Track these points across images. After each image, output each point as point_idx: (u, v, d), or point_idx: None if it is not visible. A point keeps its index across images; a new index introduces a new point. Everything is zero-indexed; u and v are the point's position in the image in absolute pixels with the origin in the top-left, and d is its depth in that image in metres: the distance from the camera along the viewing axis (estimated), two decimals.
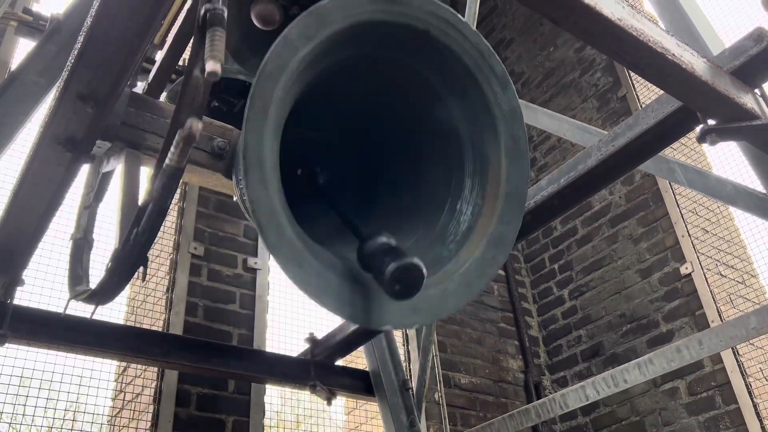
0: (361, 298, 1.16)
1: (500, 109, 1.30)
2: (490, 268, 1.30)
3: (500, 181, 1.32)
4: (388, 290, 1.09)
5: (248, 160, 1.05)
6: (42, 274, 2.94)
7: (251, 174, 1.05)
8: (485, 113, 1.31)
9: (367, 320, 1.16)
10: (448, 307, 1.24)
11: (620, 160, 2.04)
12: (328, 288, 1.12)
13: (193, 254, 3.55)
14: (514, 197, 1.33)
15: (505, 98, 1.31)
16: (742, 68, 1.76)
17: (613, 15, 1.44)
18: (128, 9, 1.41)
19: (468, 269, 1.28)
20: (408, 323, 1.19)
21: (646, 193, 4.59)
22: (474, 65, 1.28)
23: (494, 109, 1.29)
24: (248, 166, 1.05)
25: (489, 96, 1.29)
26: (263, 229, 1.05)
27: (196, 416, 3.14)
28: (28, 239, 2.01)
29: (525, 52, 6.06)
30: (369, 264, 1.16)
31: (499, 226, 1.31)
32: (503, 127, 1.30)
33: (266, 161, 1.07)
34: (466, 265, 1.28)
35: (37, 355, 2.83)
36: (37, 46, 2.15)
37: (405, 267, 1.07)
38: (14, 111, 2.11)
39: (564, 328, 4.92)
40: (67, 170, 1.75)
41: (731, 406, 3.70)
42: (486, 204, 1.34)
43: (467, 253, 1.30)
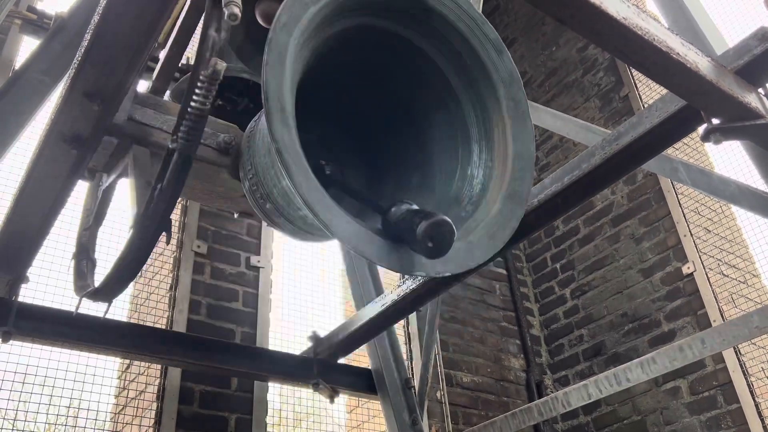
0: (392, 247, 1.18)
1: (498, 74, 1.34)
2: (509, 221, 1.34)
3: (507, 142, 1.36)
4: (421, 248, 1.11)
5: (271, 103, 1.07)
6: (46, 271, 2.95)
7: (274, 116, 1.07)
8: (484, 79, 1.35)
9: (401, 266, 1.18)
10: (475, 257, 1.27)
11: (624, 159, 2.04)
12: (362, 235, 1.14)
13: (196, 252, 3.56)
14: (522, 155, 1.37)
15: (501, 63, 1.35)
16: (746, 67, 1.77)
17: (618, 14, 1.44)
18: (135, 8, 1.41)
19: (488, 223, 1.32)
20: (440, 270, 1.21)
21: (648, 193, 4.59)
22: (469, 32, 1.33)
23: (492, 74, 1.34)
24: (271, 108, 1.06)
25: (486, 62, 1.34)
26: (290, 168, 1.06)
27: (199, 414, 3.15)
28: (33, 237, 2.02)
29: (527, 51, 6.06)
30: (397, 229, 1.18)
31: (511, 183, 1.36)
32: (503, 91, 1.35)
33: (287, 107, 1.10)
34: (487, 219, 1.33)
35: (40, 352, 2.84)
36: (42, 45, 2.16)
37: (435, 223, 1.10)
38: (19, 109, 2.12)
39: (566, 328, 4.93)
40: (72, 167, 1.76)
41: (733, 406, 3.70)
42: (496, 165, 1.38)
43: (485, 210, 1.34)
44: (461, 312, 4.66)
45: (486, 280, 5.00)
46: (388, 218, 1.20)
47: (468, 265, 1.25)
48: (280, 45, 1.11)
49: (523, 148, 1.38)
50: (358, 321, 2.95)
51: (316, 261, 4.19)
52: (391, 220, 1.19)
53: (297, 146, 1.09)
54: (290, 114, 1.11)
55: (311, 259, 4.16)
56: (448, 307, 4.59)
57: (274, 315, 3.74)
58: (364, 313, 2.92)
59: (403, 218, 1.17)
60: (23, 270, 2.19)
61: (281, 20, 1.13)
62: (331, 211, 1.11)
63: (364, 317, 2.90)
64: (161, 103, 1.92)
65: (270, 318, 3.69)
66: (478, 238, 1.29)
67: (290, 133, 1.08)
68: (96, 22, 1.44)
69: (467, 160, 1.43)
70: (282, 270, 4.00)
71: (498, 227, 1.32)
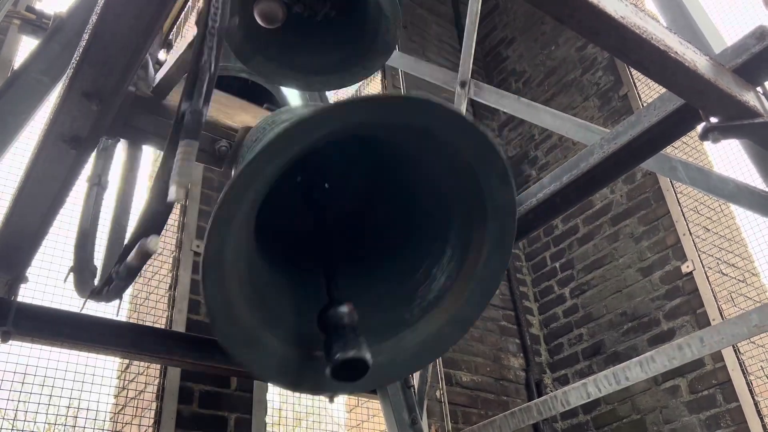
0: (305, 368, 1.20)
1: (494, 203, 1.24)
2: (442, 346, 1.31)
3: (478, 263, 1.30)
4: (331, 373, 1.12)
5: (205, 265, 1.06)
6: (46, 271, 2.95)
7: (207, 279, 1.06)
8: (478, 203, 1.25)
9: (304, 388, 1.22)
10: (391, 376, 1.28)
11: (622, 158, 2.04)
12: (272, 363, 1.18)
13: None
14: (486, 283, 1.31)
15: (501, 193, 1.24)
16: (744, 66, 1.77)
17: (617, 13, 1.44)
18: (133, 7, 1.41)
19: (422, 342, 1.28)
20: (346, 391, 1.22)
21: (648, 192, 4.59)
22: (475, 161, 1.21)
23: (488, 201, 1.24)
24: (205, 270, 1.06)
25: (485, 189, 1.23)
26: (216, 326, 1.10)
27: (198, 413, 3.15)
28: (32, 236, 2.02)
29: (526, 50, 6.06)
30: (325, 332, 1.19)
31: (465, 305, 1.30)
32: (493, 218, 1.26)
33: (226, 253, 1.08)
34: (422, 337, 1.28)
35: (40, 352, 2.84)
36: (41, 45, 2.15)
37: (351, 361, 1.11)
38: (18, 109, 2.12)
39: (565, 327, 4.93)
40: (71, 168, 1.76)
41: (732, 404, 3.71)
42: (459, 280, 1.32)
43: (429, 323, 1.30)
44: None
45: None
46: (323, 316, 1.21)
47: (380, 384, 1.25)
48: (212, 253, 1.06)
49: (491, 276, 1.31)
50: None
51: None
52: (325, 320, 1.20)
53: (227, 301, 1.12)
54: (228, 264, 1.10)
55: None
56: None
57: None
58: None
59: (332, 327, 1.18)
60: (22, 270, 2.19)
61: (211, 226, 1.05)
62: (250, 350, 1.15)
63: None
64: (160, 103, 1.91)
65: None
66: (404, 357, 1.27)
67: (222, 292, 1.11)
68: (94, 22, 1.44)
69: (436, 260, 1.37)
70: None
71: (430, 347, 1.30)
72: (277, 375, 1.20)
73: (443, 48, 6.32)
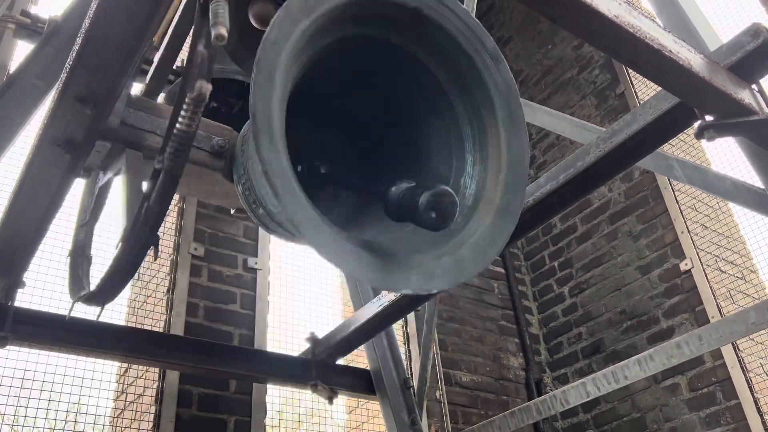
0: (379, 263, 1.16)
1: (494, 84, 1.31)
2: (500, 236, 1.32)
3: (501, 153, 1.34)
4: (424, 220, 1.10)
5: (258, 124, 1.05)
6: (42, 276, 2.95)
7: (262, 137, 1.05)
8: (480, 88, 1.32)
9: (386, 282, 1.16)
10: (463, 273, 1.25)
11: (619, 157, 2.04)
12: (347, 252, 1.12)
13: (193, 255, 3.55)
14: (516, 167, 1.35)
15: (498, 73, 1.32)
16: (739, 64, 1.77)
17: (610, 12, 1.44)
18: (126, 11, 1.41)
19: (479, 237, 1.30)
20: (426, 287, 1.19)
21: (645, 190, 4.59)
22: (465, 41, 1.30)
23: (489, 83, 1.31)
24: (258, 129, 1.05)
25: (482, 71, 1.31)
26: (278, 189, 1.04)
27: (197, 416, 3.15)
28: (29, 241, 2.01)
29: (523, 50, 6.06)
30: (399, 206, 1.16)
31: (504, 196, 1.34)
32: (499, 101, 1.32)
33: (275, 126, 1.08)
34: (477, 233, 1.30)
35: (38, 356, 2.84)
36: (36, 49, 2.15)
37: (438, 194, 1.09)
38: (13, 113, 2.12)
39: (564, 326, 4.93)
40: (66, 172, 1.75)
41: (732, 402, 3.70)
42: (489, 176, 1.36)
43: (476, 223, 1.32)
44: (460, 311, 4.66)
45: (484, 279, 5.00)
46: (387, 198, 1.19)
47: (457, 280, 1.23)
48: (269, 64, 1.10)
49: (517, 159, 1.36)
50: (356, 321, 2.95)
51: (313, 262, 4.19)
52: (392, 198, 1.18)
53: (284, 167, 1.07)
54: (279, 134, 1.09)
55: (309, 260, 4.16)
56: (447, 307, 4.59)
57: (272, 317, 3.73)
58: (362, 314, 2.92)
59: (403, 195, 1.16)
60: (19, 275, 2.19)
61: (270, 38, 1.11)
62: (320, 232, 1.09)
63: (362, 318, 2.90)
64: (155, 105, 1.91)
65: (268, 320, 3.69)
66: (468, 252, 1.27)
67: (278, 154, 1.07)
68: (87, 26, 1.44)
69: (460, 171, 1.41)
70: (279, 271, 4.00)
71: (489, 242, 1.30)
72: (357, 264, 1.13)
73: None
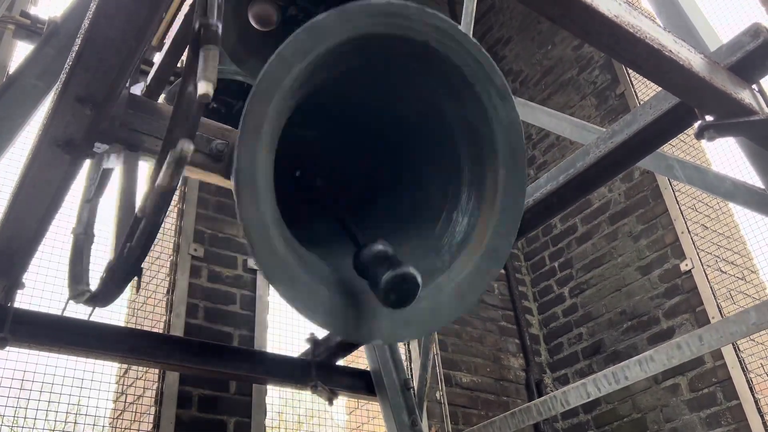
0: (352, 312, 1.14)
1: (499, 121, 1.26)
2: (482, 282, 1.29)
3: (497, 192, 1.30)
4: (382, 299, 1.07)
5: (240, 182, 1.03)
6: (42, 276, 2.95)
7: (243, 194, 1.03)
8: (484, 125, 1.27)
9: (357, 334, 1.14)
10: (439, 320, 1.23)
11: (618, 158, 2.04)
12: (319, 303, 1.11)
13: (193, 256, 3.55)
14: (510, 210, 1.30)
15: (504, 110, 1.27)
16: (739, 64, 1.77)
17: (610, 12, 1.44)
18: (125, 11, 1.41)
19: (461, 282, 1.26)
20: (399, 337, 1.18)
21: (646, 190, 4.59)
22: (473, 76, 1.25)
23: (493, 120, 1.26)
24: (240, 186, 1.03)
25: (488, 107, 1.25)
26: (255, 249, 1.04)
27: (197, 418, 3.15)
28: (28, 242, 2.01)
29: (523, 50, 6.06)
30: (364, 271, 1.15)
31: (494, 238, 1.29)
32: (501, 139, 1.27)
33: (259, 179, 1.06)
34: (460, 277, 1.27)
35: (38, 357, 2.84)
36: (35, 49, 2.15)
37: (400, 276, 1.06)
38: (13, 114, 2.12)
39: (565, 326, 4.93)
40: (66, 172, 1.75)
41: (732, 402, 3.70)
42: (482, 215, 1.31)
43: (461, 264, 1.28)
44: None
45: None
46: (359, 255, 1.18)
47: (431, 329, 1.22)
48: (256, 116, 1.06)
49: (513, 202, 1.31)
50: None
51: None
52: (362, 259, 1.17)
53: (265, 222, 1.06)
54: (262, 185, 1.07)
55: None
56: None
57: (272, 317, 3.73)
58: None
59: (370, 262, 1.14)
60: (19, 276, 2.18)
61: (260, 89, 1.07)
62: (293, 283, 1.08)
63: None
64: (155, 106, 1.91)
65: (268, 320, 3.69)
66: (447, 299, 1.25)
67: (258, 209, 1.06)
68: (86, 26, 1.43)
69: (455, 203, 1.37)
70: None
71: (469, 288, 1.27)
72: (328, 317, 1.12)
73: None
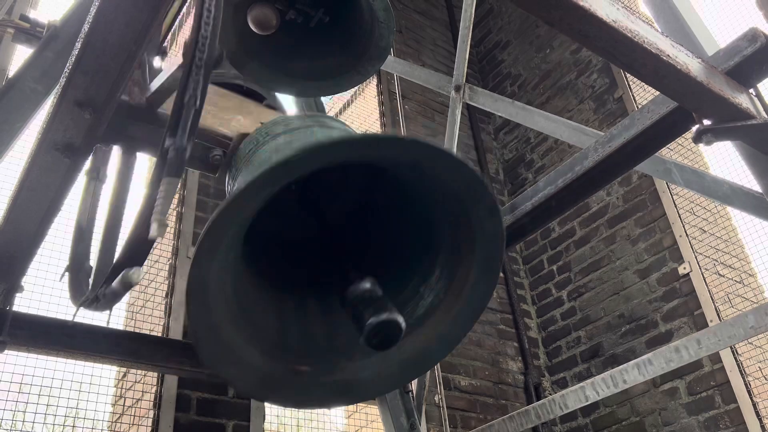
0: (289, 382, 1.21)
1: (483, 232, 1.25)
2: (426, 363, 1.31)
3: (466, 286, 1.30)
4: (366, 342, 1.10)
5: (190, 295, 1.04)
6: (41, 280, 2.94)
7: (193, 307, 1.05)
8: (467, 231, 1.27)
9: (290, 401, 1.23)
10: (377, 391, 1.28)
11: (617, 161, 2.05)
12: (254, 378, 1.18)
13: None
14: (473, 305, 1.31)
15: (490, 224, 1.25)
16: (736, 68, 1.77)
17: (608, 17, 1.45)
18: (125, 15, 1.41)
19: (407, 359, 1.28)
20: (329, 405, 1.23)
21: (644, 194, 4.60)
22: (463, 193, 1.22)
23: (476, 230, 1.26)
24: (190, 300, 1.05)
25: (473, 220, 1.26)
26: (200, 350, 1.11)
27: (196, 421, 3.14)
28: (27, 246, 2.01)
29: (521, 54, 6.07)
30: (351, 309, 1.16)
31: (451, 326, 1.30)
32: (481, 246, 1.26)
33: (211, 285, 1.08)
34: (407, 354, 1.28)
35: (37, 361, 2.83)
36: (35, 53, 2.15)
37: (386, 323, 1.08)
38: (12, 118, 2.12)
39: (563, 330, 4.93)
40: (65, 176, 1.75)
41: (731, 406, 3.71)
42: (446, 300, 1.32)
43: (413, 341, 1.29)
44: None
45: None
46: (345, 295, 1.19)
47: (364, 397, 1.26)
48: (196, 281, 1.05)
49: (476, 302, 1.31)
50: None
51: None
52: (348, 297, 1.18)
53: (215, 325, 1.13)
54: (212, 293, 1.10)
55: None
56: None
57: None
58: None
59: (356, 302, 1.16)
60: (18, 279, 2.18)
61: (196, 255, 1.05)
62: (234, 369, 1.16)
63: None
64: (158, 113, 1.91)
65: None
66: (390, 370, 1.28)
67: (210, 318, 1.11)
68: (86, 30, 1.44)
69: (424, 277, 1.37)
70: None
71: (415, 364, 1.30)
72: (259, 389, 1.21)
73: (438, 52, 6.33)
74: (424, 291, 1.36)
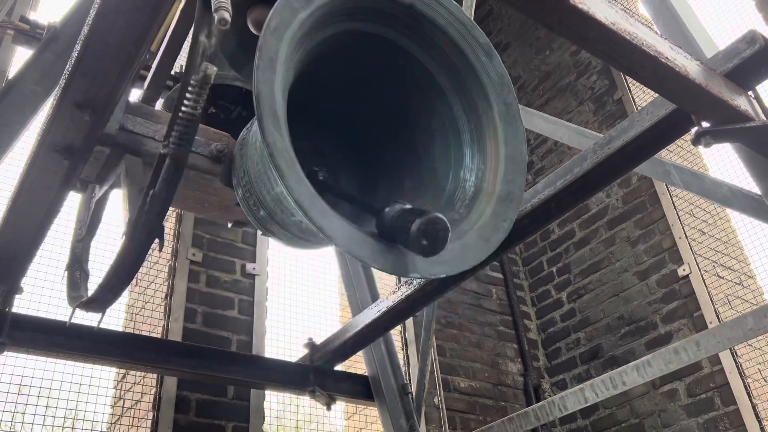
0: (387, 249, 1.18)
1: (489, 78, 1.34)
2: (503, 222, 1.35)
3: (498, 145, 1.37)
4: (415, 247, 1.10)
5: (262, 107, 1.06)
6: (40, 281, 2.94)
7: (266, 121, 1.06)
8: (475, 83, 1.35)
9: (395, 268, 1.17)
10: (468, 259, 1.27)
11: (616, 163, 2.05)
12: (356, 238, 1.14)
13: (191, 260, 3.55)
14: (513, 158, 1.38)
15: (492, 66, 1.35)
16: (735, 70, 1.78)
17: (607, 19, 1.45)
18: (125, 17, 1.41)
19: (482, 225, 1.32)
20: (434, 272, 1.21)
21: (643, 196, 4.60)
22: (459, 36, 1.33)
23: (483, 77, 1.34)
24: (263, 113, 1.06)
25: (476, 65, 1.33)
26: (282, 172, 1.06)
27: (195, 422, 3.14)
28: (27, 247, 2.01)
29: (521, 56, 6.07)
30: (391, 228, 1.17)
31: (504, 185, 1.36)
32: (494, 94, 1.35)
33: (279, 109, 1.10)
34: (480, 221, 1.33)
35: (36, 362, 2.83)
36: (35, 55, 2.15)
37: (429, 221, 1.09)
38: (12, 119, 2.12)
39: (563, 331, 4.93)
40: (64, 178, 1.75)
41: (730, 407, 3.70)
42: (488, 168, 1.38)
43: (478, 212, 1.35)
44: (458, 317, 4.66)
45: (482, 284, 5.00)
46: (381, 218, 1.20)
47: (462, 266, 1.25)
48: (270, 49, 1.11)
49: (515, 151, 1.39)
50: (354, 327, 2.95)
51: (311, 268, 4.19)
52: (385, 220, 1.19)
53: (290, 150, 1.09)
54: (282, 118, 1.11)
55: (307, 265, 4.16)
56: (445, 312, 4.59)
57: (270, 322, 3.73)
58: (360, 320, 2.92)
59: (396, 217, 1.17)
60: (17, 280, 2.19)
61: (271, 25, 1.13)
62: (325, 215, 1.10)
63: (360, 323, 2.90)
64: (153, 112, 1.92)
65: (266, 325, 3.68)
66: (472, 240, 1.30)
67: (282, 137, 1.08)
68: (86, 32, 1.44)
69: (459, 164, 1.43)
70: (277, 277, 3.99)
71: (491, 229, 1.32)
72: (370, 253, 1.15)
73: None
74: (464, 174, 1.42)
